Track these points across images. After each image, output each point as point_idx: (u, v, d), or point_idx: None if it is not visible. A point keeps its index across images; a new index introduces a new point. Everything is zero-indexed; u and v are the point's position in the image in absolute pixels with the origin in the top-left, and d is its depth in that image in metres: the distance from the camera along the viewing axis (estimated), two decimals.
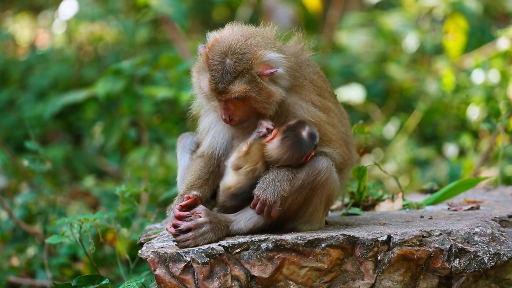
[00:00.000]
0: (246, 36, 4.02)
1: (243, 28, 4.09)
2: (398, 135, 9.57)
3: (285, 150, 3.99)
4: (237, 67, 3.95)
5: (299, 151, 3.98)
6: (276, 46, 4.05)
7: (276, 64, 3.98)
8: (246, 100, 4.00)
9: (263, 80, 3.98)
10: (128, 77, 7.01)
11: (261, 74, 3.97)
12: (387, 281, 3.91)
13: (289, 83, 4.07)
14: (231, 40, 4.00)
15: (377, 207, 4.99)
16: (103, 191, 7.73)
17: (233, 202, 4.11)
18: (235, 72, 3.95)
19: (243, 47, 3.97)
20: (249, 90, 3.97)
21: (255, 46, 3.98)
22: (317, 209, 4.07)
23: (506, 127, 5.88)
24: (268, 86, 3.99)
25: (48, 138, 10.76)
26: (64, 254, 6.18)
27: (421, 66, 9.81)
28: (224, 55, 3.98)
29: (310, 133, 4.00)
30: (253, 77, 3.96)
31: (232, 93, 3.97)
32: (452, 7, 8.95)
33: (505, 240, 3.97)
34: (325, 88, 4.25)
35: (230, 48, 3.98)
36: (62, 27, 12.55)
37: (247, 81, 3.96)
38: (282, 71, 4.00)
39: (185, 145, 4.35)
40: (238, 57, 3.96)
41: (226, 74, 3.96)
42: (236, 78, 3.96)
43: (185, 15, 7.14)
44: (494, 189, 5.51)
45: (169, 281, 3.91)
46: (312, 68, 4.22)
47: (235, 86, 3.96)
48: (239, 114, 4.05)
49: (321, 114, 4.11)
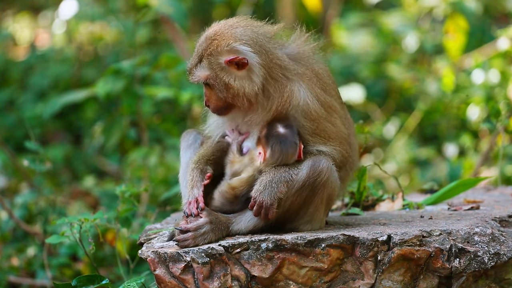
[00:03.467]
0: (232, 26, 4.06)
1: (240, 21, 4.11)
2: (398, 135, 9.57)
3: (278, 154, 4.00)
4: (203, 51, 4.03)
5: (289, 146, 3.99)
6: (255, 42, 4.02)
7: (241, 54, 3.98)
8: (211, 87, 4.05)
9: (230, 70, 3.99)
10: (128, 77, 7.01)
11: (225, 62, 3.99)
12: (387, 281, 3.91)
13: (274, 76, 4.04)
14: (218, 27, 4.07)
15: (377, 207, 4.99)
16: (103, 191, 7.72)
17: (233, 206, 4.11)
18: (200, 56, 4.04)
19: (218, 34, 4.03)
20: (208, 77, 4.02)
21: (227, 35, 4.01)
22: (318, 209, 4.06)
23: (506, 127, 5.88)
24: (227, 77, 4.00)
25: (48, 138, 10.76)
26: (64, 254, 6.18)
27: (421, 66, 9.81)
28: (204, 39, 4.06)
29: (285, 125, 4.03)
30: (212, 63, 4.00)
31: (195, 76, 4.06)
32: (452, 7, 8.96)
33: (505, 240, 3.97)
34: (331, 86, 4.22)
35: (210, 33, 4.05)
36: (62, 27, 12.55)
37: (207, 67, 4.02)
38: (252, 65, 3.98)
39: (188, 142, 4.35)
40: (209, 42, 4.03)
41: (195, 56, 4.07)
42: (200, 62, 4.04)
43: (185, 15, 7.14)
44: (494, 189, 5.50)
45: (169, 281, 3.91)
46: (318, 64, 4.21)
47: (197, 70, 4.05)
48: (213, 101, 4.10)
49: (322, 110, 4.09)
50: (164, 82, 8.70)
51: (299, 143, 4.02)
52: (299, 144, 4.02)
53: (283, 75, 4.06)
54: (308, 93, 4.06)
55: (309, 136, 4.07)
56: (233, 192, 4.08)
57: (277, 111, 4.05)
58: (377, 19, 10.31)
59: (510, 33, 8.05)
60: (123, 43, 11.92)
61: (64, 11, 10.78)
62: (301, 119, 4.06)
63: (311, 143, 4.06)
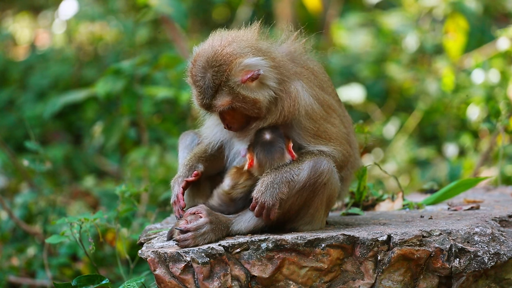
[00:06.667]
0: (223, 45, 3.98)
1: (222, 36, 4.04)
2: (398, 135, 9.57)
3: (264, 161, 4.02)
4: (215, 80, 3.95)
5: (274, 152, 4.01)
6: (254, 48, 4.00)
7: (254, 67, 3.95)
8: (236, 109, 4.00)
9: (248, 86, 3.96)
10: (128, 77, 7.01)
11: (242, 81, 3.95)
12: (387, 281, 3.91)
13: (281, 76, 4.03)
14: (209, 52, 3.98)
15: (377, 207, 4.99)
16: (103, 191, 7.72)
17: (231, 208, 4.11)
18: (215, 86, 3.95)
19: (219, 59, 3.95)
20: (233, 101, 3.96)
21: (231, 55, 3.95)
22: (318, 210, 4.06)
23: (506, 127, 5.88)
24: (251, 94, 3.96)
25: (48, 138, 10.77)
26: (64, 254, 6.18)
27: (421, 66, 9.81)
28: (205, 69, 3.97)
29: (269, 130, 4.05)
30: (233, 87, 3.95)
31: (217, 107, 3.98)
32: (452, 7, 8.96)
33: (505, 240, 3.97)
34: (327, 83, 4.22)
35: (208, 62, 3.96)
36: (62, 27, 12.56)
37: (228, 93, 3.96)
38: (265, 71, 3.97)
39: (185, 143, 4.35)
40: (215, 69, 3.94)
41: (208, 89, 3.96)
42: (217, 92, 3.96)
43: (185, 15, 7.13)
44: (494, 189, 5.51)
45: (169, 281, 3.91)
46: (312, 61, 4.20)
47: (218, 100, 3.97)
48: (236, 122, 4.06)
49: (322, 110, 4.08)
50: (164, 82, 8.70)
51: (287, 144, 4.03)
52: (288, 144, 4.03)
53: (285, 75, 4.06)
54: (308, 93, 4.06)
55: (310, 137, 4.07)
56: (228, 196, 4.10)
57: (288, 112, 4.04)
58: (377, 19, 10.31)
59: (510, 33, 8.05)
60: (123, 43, 11.92)
61: (64, 11, 10.79)
62: (303, 121, 4.05)
63: (313, 144, 4.07)
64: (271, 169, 3.99)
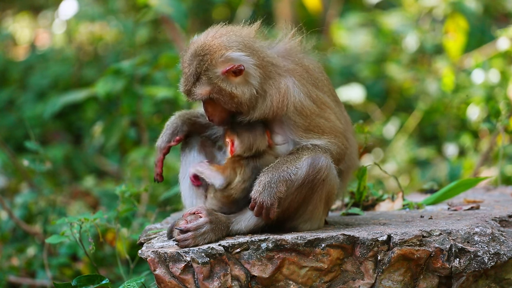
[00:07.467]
0: (215, 37, 4.03)
1: (218, 29, 4.09)
2: (398, 135, 9.57)
3: (246, 139, 4.06)
4: (198, 68, 3.99)
5: (255, 127, 4.06)
6: (244, 44, 4.02)
7: (236, 61, 3.97)
8: (215, 101, 4.03)
9: (229, 80, 3.99)
10: (128, 77, 7.02)
11: (222, 73, 3.98)
12: (387, 281, 3.91)
13: (268, 74, 4.04)
14: (200, 42, 4.03)
15: (377, 207, 4.99)
16: (103, 191, 7.72)
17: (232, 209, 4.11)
18: (197, 74, 4.00)
19: (205, 48, 3.99)
20: (211, 92, 4.00)
21: (217, 47, 3.99)
22: (317, 207, 4.06)
23: (506, 127, 5.88)
24: (229, 87, 3.98)
25: (48, 138, 10.77)
26: (64, 254, 6.18)
27: (421, 66, 9.81)
28: (192, 57, 4.02)
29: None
30: (211, 77, 3.98)
31: (196, 95, 4.02)
32: (452, 7, 8.96)
33: (505, 240, 3.97)
34: (324, 82, 4.20)
35: (196, 50, 4.01)
36: (62, 27, 12.56)
37: (207, 83, 4.00)
38: (248, 68, 3.98)
39: (187, 143, 4.34)
40: (200, 58, 4.00)
41: (190, 76, 4.02)
42: (198, 80, 4.01)
43: (185, 15, 7.13)
44: (494, 189, 5.51)
45: (169, 281, 3.91)
46: (308, 59, 4.20)
47: (198, 89, 4.01)
48: (217, 114, 4.09)
49: (315, 107, 4.07)
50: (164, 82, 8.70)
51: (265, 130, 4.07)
52: (266, 131, 4.08)
53: (275, 72, 4.07)
54: (299, 89, 4.06)
55: (302, 132, 4.06)
56: (228, 197, 4.10)
57: (277, 108, 4.04)
58: (377, 19, 10.31)
59: (510, 33, 8.05)
60: (123, 43, 11.93)
61: (64, 11, 10.78)
62: (293, 116, 4.05)
63: (305, 138, 4.06)
64: (268, 168, 3.98)
